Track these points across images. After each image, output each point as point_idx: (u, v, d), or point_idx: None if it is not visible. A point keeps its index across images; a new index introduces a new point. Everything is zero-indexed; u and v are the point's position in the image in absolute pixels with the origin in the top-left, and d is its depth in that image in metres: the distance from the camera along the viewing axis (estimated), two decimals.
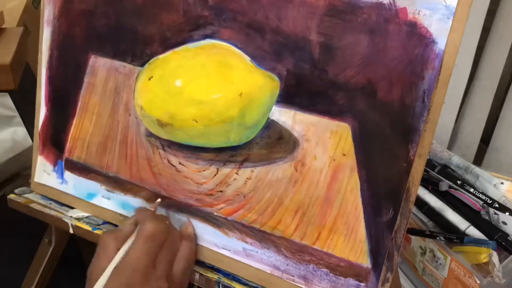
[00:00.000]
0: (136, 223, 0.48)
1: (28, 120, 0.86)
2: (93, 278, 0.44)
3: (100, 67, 0.55)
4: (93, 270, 0.45)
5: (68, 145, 0.58)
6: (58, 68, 0.58)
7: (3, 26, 0.78)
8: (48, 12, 0.58)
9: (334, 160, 0.45)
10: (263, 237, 0.48)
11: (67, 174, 0.59)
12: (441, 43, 0.40)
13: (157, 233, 0.45)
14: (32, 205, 0.59)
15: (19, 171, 1.03)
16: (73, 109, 0.58)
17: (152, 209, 0.51)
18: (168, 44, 0.50)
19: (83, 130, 0.57)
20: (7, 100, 0.88)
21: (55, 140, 0.59)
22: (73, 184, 0.59)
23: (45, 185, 0.61)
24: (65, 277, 0.76)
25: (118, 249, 0.45)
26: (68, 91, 0.58)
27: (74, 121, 0.58)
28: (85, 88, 0.57)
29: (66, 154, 0.59)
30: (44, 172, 0.61)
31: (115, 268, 0.44)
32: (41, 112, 0.60)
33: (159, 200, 0.52)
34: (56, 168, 0.60)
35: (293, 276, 0.47)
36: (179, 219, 0.52)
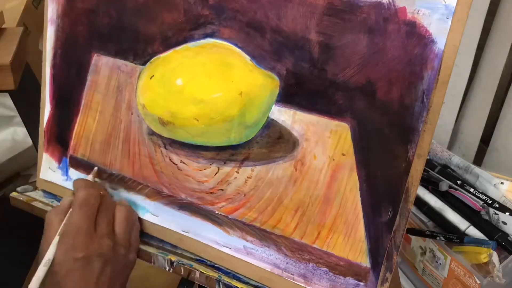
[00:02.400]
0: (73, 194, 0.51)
1: (28, 120, 0.86)
2: (43, 251, 0.48)
3: (103, 66, 0.55)
4: (43, 245, 0.49)
5: (72, 142, 0.59)
6: (62, 66, 0.59)
7: (3, 26, 0.78)
8: (51, 11, 0.58)
9: (333, 159, 0.45)
10: (263, 235, 0.48)
11: (72, 171, 0.59)
12: (440, 42, 0.40)
13: (89, 198, 0.49)
14: (34, 203, 0.59)
15: (19, 171, 1.03)
16: (77, 107, 0.58)
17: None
18: (169, 43, 0.51)
19: (86, 128, 0.57)
20: (7, 100, 0.89)
21: (59, 138, 0.60)
22: None
23: (50, 182, 0.61)
24: None
25: (61, 220, 0.49)
26: (72, 89, 0.58)
27: (78, 119, 0.58)
28: (89, 86, 0.57)
29: (70, 152, 0.59)
30: (49, 169, 0.61)
31: (61, 236, 0.47)
32: (46, 110, 0.60)
33: (95, 168, 0.56)
34: (61, 165, 0.60)
35: (293, 275, 0.47)
36: (180, 216, 0.52)
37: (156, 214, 0.54)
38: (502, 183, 0.73)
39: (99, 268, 0.47)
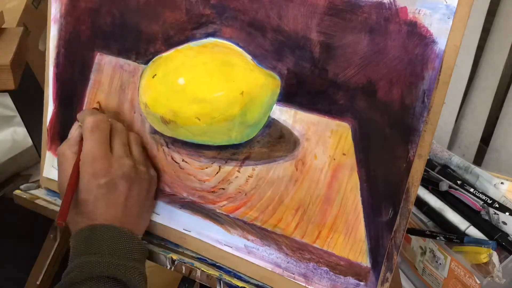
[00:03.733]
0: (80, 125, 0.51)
1: (28, 120, 0.86)
2: (63, 186, 0.47)
3: (106, 65, 0.56)
4: (60, 178, 0.49)
5: None
6: (65, 65, 0.59)
7: (3, 26, 0.78)
8: (54, 10, 0.58)
9: (334, 159, 0.45)
10: (264, 234, 0.48)
11: None
12: (441, 43, 0.40)
13: (98, 122, 0.49)
14: (37, 201, 0.59)
15: (19, 171, 1.03)
16: (80, 106, 0.58)
17: None
18: (171, 42, 0.51)
19: None
20: (7, 100, 0.88)
21: (63, 136, 0.60)
22: None
23: (53, 180, 0.61)
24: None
25: (74, 153, 0.48)
26: (75, 88, 0.58)
27: None
28: (92, 85, 0.57)
29: None
30: (52, 167, 0.61)
31: (81, 165, 0.47)
32: (49, 108, 0.61)
33: (98, 102, 0.56)
34: None
35: (293, 274, 0.48)
36: (181, 215, 0.52)
37: (157, 213, 0.54)
38: (502, 183, 0.73)
39: (125, 189, 0.47)
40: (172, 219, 0.53)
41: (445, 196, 0.76)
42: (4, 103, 0.99)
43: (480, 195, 0.71)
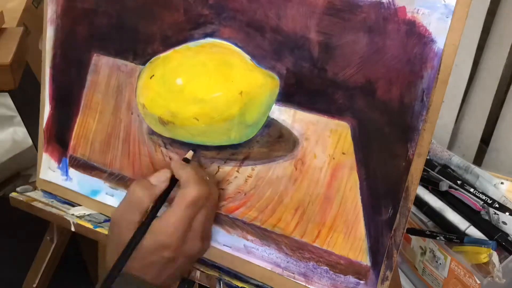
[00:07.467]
0: (171, 178, 0.47)
1: (28, 120, 0.86)
2: (123, 228, 0.45)
3: (103, 66, 0.56)
4: (122, 219, 0.46)
5: (72, 142, 0.59)
6: (62, 66, 0.59)
7: (3, 26, 0.78)
8: (51, 10, 0.58)
9: (333, 158, 0.45)
10: (263, 234, 0.48)
11: (72, 171, 0.59)
12: (440, 42, 0.40)
13: (199, 199, 0.45)
14: (34, 203, 0.59)
15: (19, 171, 1.03)
16: (77, 107, 0.58)
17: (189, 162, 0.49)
18: (169, 42, 0.51)
19: (86, 128, 0.58)
20: (7, 100, 0.89)
21: (59, 138, 0.60)
22: (78, 181, 0.59)
23: (50, 182, 0.61)
24: (65, 276, 0.76)
25: (151, 196, 0.46)
26: (72, 89, 0.58)
27: (77, 119, 0.58)
28: (88, 86, 0.57)
29: (70, 152, 0.59)
30: (49, 169, 0.61)
31: (151, 226, 0.44)
32: (45, 110, 0.61)
33: (191, 152, 0.50)
34: (60, 165, 0.60)
35: (293, 273, 0.48)
36: None
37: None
38: (502, 183, 0.73)
39: (181, 263, 0.46)
40: None
41: (445, 196, 0.76)
42: (4, 103, 0.99)
43: (480, 195, 0.71)
